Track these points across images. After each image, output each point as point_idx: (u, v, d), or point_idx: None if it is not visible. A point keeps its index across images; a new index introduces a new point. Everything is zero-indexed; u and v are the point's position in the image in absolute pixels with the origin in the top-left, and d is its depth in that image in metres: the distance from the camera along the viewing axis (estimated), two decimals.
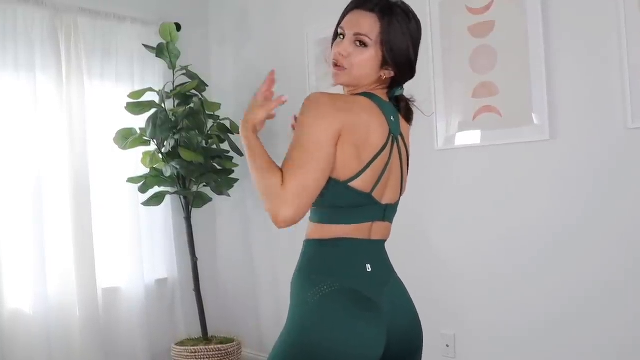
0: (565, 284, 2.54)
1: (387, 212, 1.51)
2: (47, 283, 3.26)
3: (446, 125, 2.89)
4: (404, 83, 1.54)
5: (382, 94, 1.52)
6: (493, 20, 2.72)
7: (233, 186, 3.64)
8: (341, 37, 1.49)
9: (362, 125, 1.41)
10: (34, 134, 3.29)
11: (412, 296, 1.56)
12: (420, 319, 1.56)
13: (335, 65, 1.49)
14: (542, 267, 2.60)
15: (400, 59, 1.47)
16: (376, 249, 1.51)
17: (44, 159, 3.31)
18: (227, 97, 3.98)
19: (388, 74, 1.49)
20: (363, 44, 1.45)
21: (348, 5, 1.52)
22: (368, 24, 1.45)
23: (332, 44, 1.53)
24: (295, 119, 1.49)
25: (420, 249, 2.99)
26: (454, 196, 2.88)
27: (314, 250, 1.46)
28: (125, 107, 3.44)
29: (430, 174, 2.94)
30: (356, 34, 1.46)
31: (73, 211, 3.38)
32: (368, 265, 1.46)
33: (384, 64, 1.47)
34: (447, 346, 2.91)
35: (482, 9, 2.75)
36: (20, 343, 3.18)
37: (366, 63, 1.46)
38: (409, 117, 1.58)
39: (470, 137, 2.82)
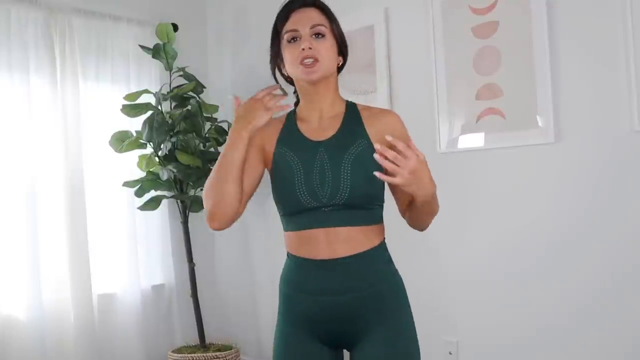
0: (570, 288, 2.50)
1: None
2: (42, 289, 3.21)
3: (449, 128, 2.84)
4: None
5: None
6: (497, 21, 2.68)
7: None
8: (294, 40, 1.52)
9: None
10: (28, 137, 3.23)
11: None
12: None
13: (306, 59, 1.50)
14: (547, 272, 2.56)
15: (345, 45, 1.60)
16: None
17: (38, 162, 3.26)
18: (225, 99, 3.93)
19: (340, 60, 1.60)
20: (321, 35, 1.51)
21: (282, 10, 1.57)
22: (317, 16, 1.53)
23: (283, 52, 1.56)
24: None
25: (422, 254, 2.95)
26: (457, 200, 2.83)
27: (385, 247, 1.60)
28: (121, 110, 3.40)
29: (433, 177, 2.89)
30: (313, 27, 1.51)
31: (68, 215, 3.32)
32: None
33: (339, 53, 1.58)
34: (450, 354, 2.86)
35: (485, 9, 2.71)
36: (14, 350, 3.12)
37: (329, 52, 1.54)
38: None
39: (474, 140, 2.77)
